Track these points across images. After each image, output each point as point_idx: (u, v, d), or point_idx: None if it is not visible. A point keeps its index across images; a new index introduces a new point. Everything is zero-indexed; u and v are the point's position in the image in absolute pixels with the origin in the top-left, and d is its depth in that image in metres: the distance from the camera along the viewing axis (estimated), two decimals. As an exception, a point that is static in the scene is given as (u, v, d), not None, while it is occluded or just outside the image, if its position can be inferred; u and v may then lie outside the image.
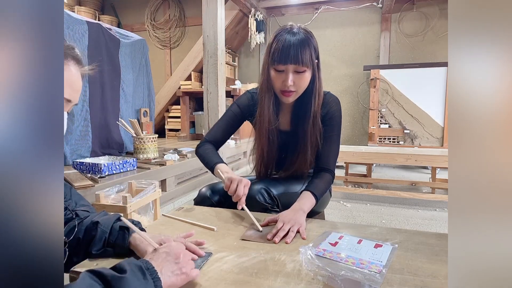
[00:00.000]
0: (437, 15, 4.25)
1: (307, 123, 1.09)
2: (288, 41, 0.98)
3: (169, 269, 0.60)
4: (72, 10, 4.71)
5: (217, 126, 1.24)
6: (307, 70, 1.01)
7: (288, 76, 1.00)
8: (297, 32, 1.00)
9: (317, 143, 1.12)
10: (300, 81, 1.02)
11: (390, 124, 4.15)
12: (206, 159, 1.15)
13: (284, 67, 1.00)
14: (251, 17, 4.46)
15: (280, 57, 0.99)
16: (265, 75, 1.07)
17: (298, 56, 0.97)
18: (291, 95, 1.04)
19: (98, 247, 0.72)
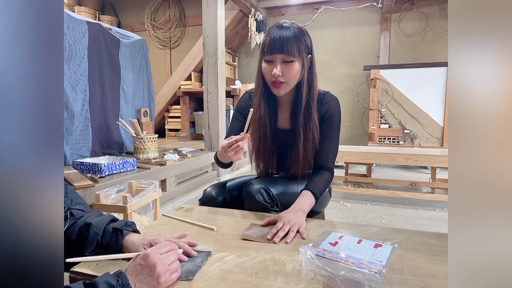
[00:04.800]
0: (437, 15, 4.25)
1: (301, 118, 1.10)
2: (276, 33, 1.02)
3: (143, 282, 0.60)
4: (72, 10, 4.71)
5: (226, 135, 1.25)
6: (295, 61, 1.03)
7: (276, 66, 1.03)
8: (288, 26, 1.04)
9: (314, 140, 1.12)
10: (288, 72, 1.04)
11: (390, 124, 4.15)
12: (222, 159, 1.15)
13: (273, 57, 1.03)
14: (251, 17, 4.46)
15: (268, 48, 1.03)
16: (258, 69, 1.11)
17: (284, 46, 1.01)
18: (280, 86, 1.06)
19: (91, 248, 0.71)
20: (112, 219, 0.77)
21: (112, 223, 0.75)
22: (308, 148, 1.12)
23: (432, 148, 3.57)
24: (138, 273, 0.61)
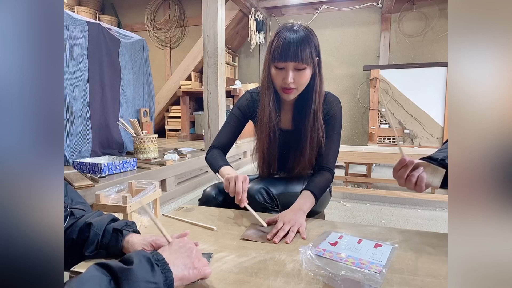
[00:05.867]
0: (437, 15, 4.25)
1: (308, 121, 1.10)
2: (288, 39, 0.99)
3: (181, 261, 0.59)
4: (72, 10, 4.71)
5: (222, 131, 1.25)
6: (307, 68, 1.02)
7: (288, 74, 1.01)
8: (298, 29, 1.01)
9: (319, 141, 1.12)
10: (300, 79, 1.02)
11: (390, 124, 4.15)
12: (213, 164, 1.15)
13: (284, 65, 1.01)
14: (251, 17, 4.45)
15: (280, 55, 1.00)
16: (266, 73, 1.08)
17: (298, 54, 0.98)
18: (291, 92, 1.05)
19: (91, 249, 0.71)
20: (113, 218, 0.77)
21: (112, 222, 0.75)
22: (313, 150, 1.12)
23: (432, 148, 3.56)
24: (175, 251, 0.60)
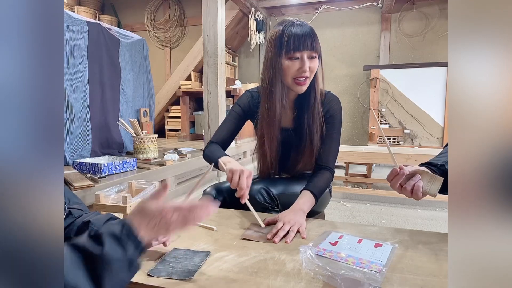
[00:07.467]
0: (437, 15, 4.25)
1: (309, 119, 1.10)
2: (300, 30, 1.04)
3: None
4: (72, 10, 4.71)
5: (221, 127, 1.24)
6: (317, 56, 1.06)
7: (304, 62, 1.03)
8: (302, 24, 1.06)
9: (319, 140, 1.12)
10: (313, 67, 1.06)
11: (390, 124, 4.15)
12: (211, 157, 1.13)
13: (300, 54, 1.04)
14: (251, 17, 4.45)
15: (296, 45, 1.03)
16: (275, 68, 1.07)
17: (312, 43, 1.04)
18: (305, 82, 1.07)
19: None
20: (111, 217, 0.77)
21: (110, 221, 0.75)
22: (313, 148, 1.12)
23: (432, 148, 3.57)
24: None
